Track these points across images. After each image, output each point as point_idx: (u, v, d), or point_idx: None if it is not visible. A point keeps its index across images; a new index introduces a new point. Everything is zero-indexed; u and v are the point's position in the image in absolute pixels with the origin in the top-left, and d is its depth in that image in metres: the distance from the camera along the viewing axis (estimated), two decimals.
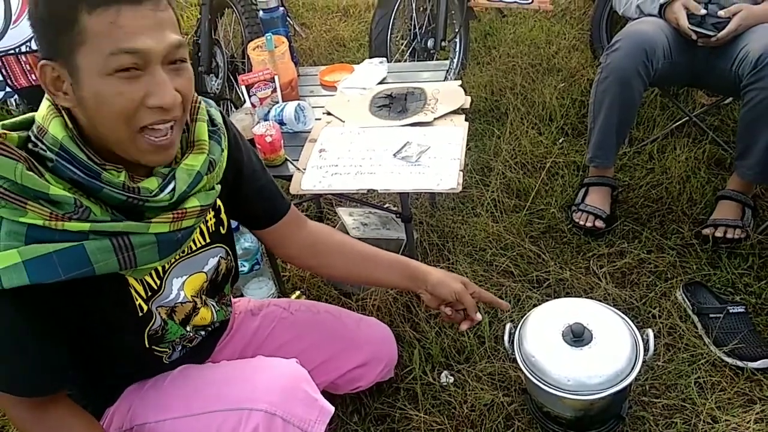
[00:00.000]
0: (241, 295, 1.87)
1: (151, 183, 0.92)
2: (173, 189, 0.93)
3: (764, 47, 1.71)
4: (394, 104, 1.72)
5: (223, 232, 1.18)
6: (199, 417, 1.05)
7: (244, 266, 1.80)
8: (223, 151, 1.05)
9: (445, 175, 1.47)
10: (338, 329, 1.42)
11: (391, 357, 1.49)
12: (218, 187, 1.03)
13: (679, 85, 2.46)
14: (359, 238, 1.88)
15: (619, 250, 1.92)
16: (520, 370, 1.40)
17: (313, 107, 1.74)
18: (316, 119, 1.71)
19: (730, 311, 1.57)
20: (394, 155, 1.53)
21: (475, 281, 1.85)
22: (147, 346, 1.09)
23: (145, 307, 1.04)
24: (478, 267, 1.91)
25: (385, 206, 1.96)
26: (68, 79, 0.85)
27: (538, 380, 1.37)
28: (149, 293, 1.04)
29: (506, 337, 1.45)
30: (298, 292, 1.87)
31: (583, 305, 1.49)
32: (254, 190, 1.19)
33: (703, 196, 2.05)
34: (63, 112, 0.88)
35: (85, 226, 0.86)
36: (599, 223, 1.97)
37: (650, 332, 1.39)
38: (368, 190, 1.46)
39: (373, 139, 1.60)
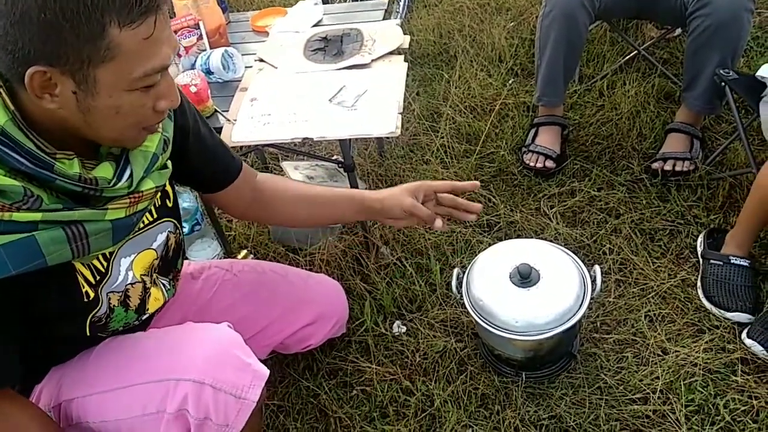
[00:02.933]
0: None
1: (106, 171, 0.86)
2: (131, 175, 0.89)
3: None
4: (329, 47, 1.63)
5: (170, 205, 1.10)
6: (125, 390, 0.99)
7: (184, 227, 1.71)
8: (171, 122, 0.98)
9: (383, 119, 1.40)
10: (285, 288, 1.37)
11: (341, 313, 1.45)
12: (170, 164, 0.99)
13: (626, 18, 2.41)
14: None
15: (570, 190, 1.90)
16: (470, 314, 1.38)
17: (244, 54, 1.64)
18: (247, 67, 1.61)
19: (732, 262, 1.54)
20: (330, 101, 1.46)
21: (427, 228, 1.81)
22: (88, 334, 1.01)
23: (92, 294, 0.96)
24: None
25: (333, 158, 1.88)
26: (71, 87, 0.77)
27: (486, 324, 1.35)
28: (97, 278, 0.96)
29: (454, 282, 1.42)
30: (244, 251, 1.80)
31: (531, 246, 1.46)
32: (202, 155, 1.12)
33: (653, 130, 2.03)
34: (1, 87, 0.78)
35: (36, 216, 0.79)
36: (549, 164, 1.94)
37: (597, 268, 1.37)
38: (303, 139, 1.38)
39: (308, 85, 1.52)
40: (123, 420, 0.99)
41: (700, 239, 1.68)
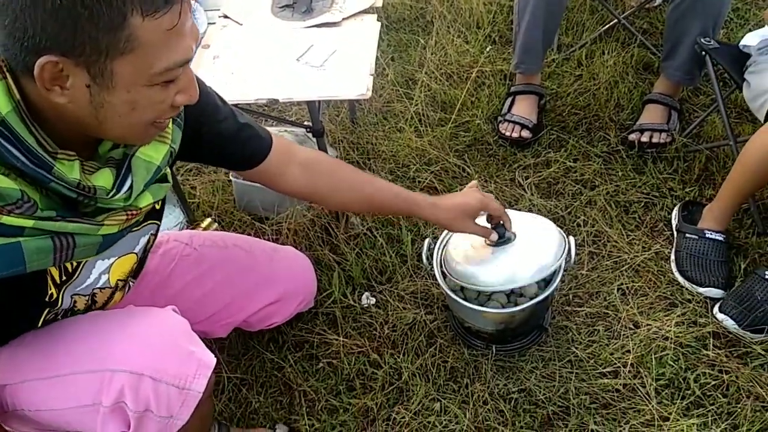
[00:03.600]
0: None
1: (106, 179, 0.80)
2: (130, 187, 0.83)
3: None
4: (298, 4, 1.54)
5: (158, 208, 1.01)
6: (58, 380, 0.92)
7: None
8: (180, 131, 0.91)
9: (354, 81, 1.33)
10: (249, 264, 1.29)
11: (308, 290, 1.38)
12: (170, 177, 0.95)
13: None
14: None
15: (545, 160, 1.85)
16: (440, 286, 1.33)
17: (207, 10, 1.55)
18: (209, 23, 1.52)
19: (707, 236, 1.52)
20: (298, 60, 1.38)
21: None
22: (39, 326, 0.93)
23: (55, 294, 0.89)
24: (401, 184, 1.80)
25: (304, 123, 1.81)
26: (86, 80, 0.69)
27: (456, 295, 1.31)
28: (63, 278, 0.89)
29: (424, 253, 1.37)
30: (208, 220, 1.72)
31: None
32: (219, 139, 1.03)
33: (630, 101, 1.99)
34: (7, 72, 0.70)
35: (28, 222, 0.73)
36: (525, 133, 1.89)
37: (572, 240, 1.33)
38: (268, 101, 1.31)
39: (274, 43, 1.44)
40: (58, 411, 0.93)
41: (675, 212, 1.65)
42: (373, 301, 1.56)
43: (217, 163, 1.14)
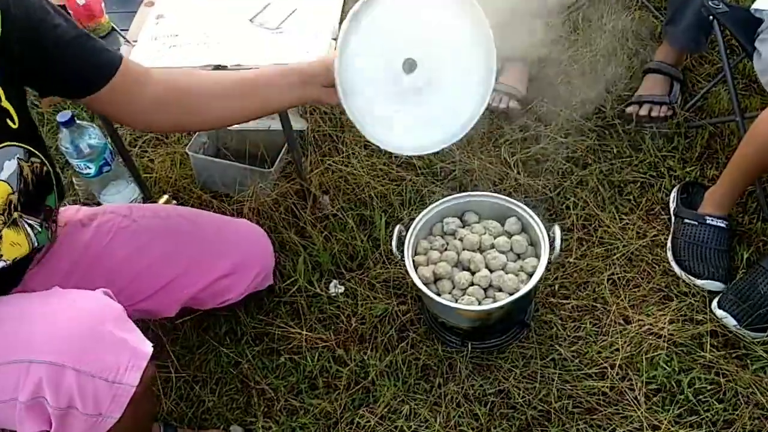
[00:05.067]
0: (98, 204, 1.57)
1: None
2: None
3: None
4: None
5: (13, 126, 0.87)
6: None
7: (90, 168, 1.48)
8: None
9: (315, 45, 1.17)
10: (194, 235, 1.18)
11: (265, 262, 1.26)
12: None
13: None
14: (240, 132, 1.60)
15: (535, 135, 1.70)
16: (411, 278, 1.20)
17: None
18: None
19: (708, 222, 1.38)
20: (251, 21, 1.21)
21: (373, 175, 1.61)
22: None
23: None
24: (377, 160, 1.66)
25: None
26: None
27: (429, 290, 1.18)
28: None
29: (395, 242, 1.23)
30: (165, 197, 1.58)
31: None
32: (61, 51, 0.87)
33: (629, 69, 1.83)
34: None
35: None
36: (513, 104, 1.73)
37: (557, 229, 1.19)
38: (215, 67, 1.15)
39: (225, 1, 1.27)
40: None
41: (673, 194, 1.51)
42: (341, 289, 1.43)
43: (60, 82, 0.92)
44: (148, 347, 0.86)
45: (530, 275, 1.20)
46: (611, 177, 1.59)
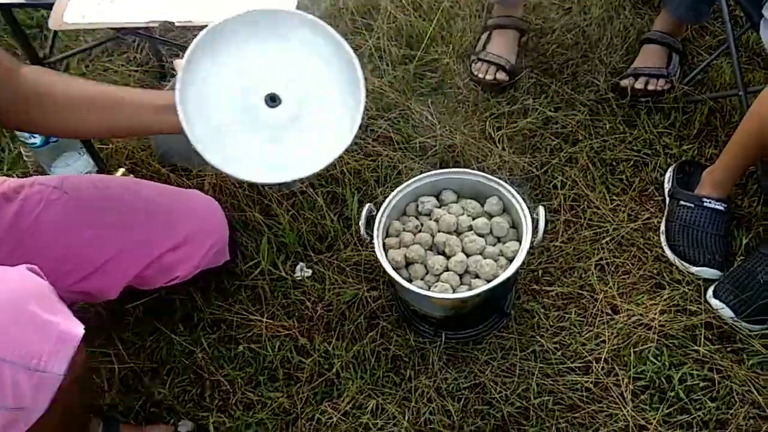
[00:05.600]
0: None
1: None
2: None
3: None
4: None
5: None
6: None
7: (35, 137, 1.36)
8: None
9: None
10: (136, 206, 1.07)
11: (218, 233, 1.14)
12: None
13: None
14: None
15: (522, 108, 1.58)
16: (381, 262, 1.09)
17: None
18: None
19: (705, 204, 1.27)
20: None
21: (347, 150, 1.49)
22: None
23: None
24: None
25: None
26: None
27: (400, 275, 1.07)
28: None
29: (362, 222, 1.12)
30: (122, 170, 1.46)
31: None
32: None
33: (625, 40, 1.70)
34: None
35: None
36: (501, 76, 1.61)
37: (541, 211, 1.08)
38: (162, 24, 1.02)
39: None
40: None
41: (668, 173, 1.40)
42: (308, 273, 1.32)
43: None
44: (78, 329, 0.75)
45: (511, 260, 1.09)
46: (603, 155, 1.47)
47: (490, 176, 1.17)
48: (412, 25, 1.78)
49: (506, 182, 1.16)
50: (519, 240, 1.12)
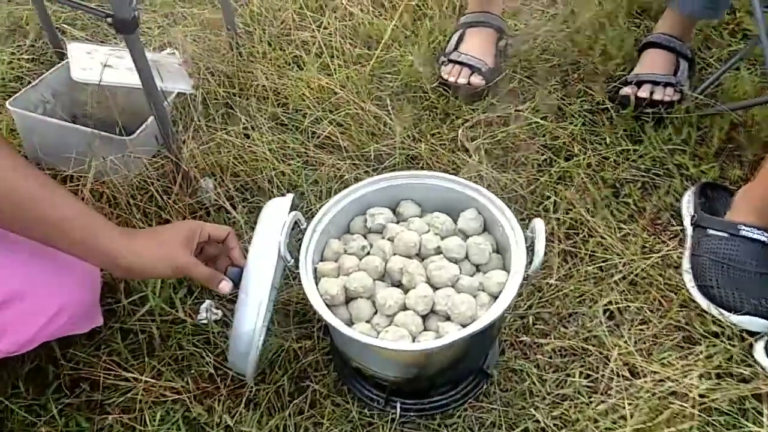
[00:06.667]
0: None
1: None
2: None
3: None
4: None
5: None
6: None
7: None
8: None
9: None
10: None
11: (76, 296, 0.80)
12: None
13: None
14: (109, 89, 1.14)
15: (503, 117, 1.28)
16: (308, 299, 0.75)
17: None
18: None
19: (744, 234, 0.97)
20: None
21: (282, 155, 1.17)
22: None
23: None
24: (288, 136, 1.22)
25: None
26: None
27: (333, 315, 0.72)
28: None
29: (282, 240, 0.77)
30: None
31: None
32: None
33: (621, 49, 1.44)
34: None
35: None
36: (476, 79, 1.32)
37: (539, 225, 0.76)
38: None
39: None
40: None
41: (687, 197, 1.11)
42: (217, 315, 0.96)
43: None
44: None
45: (495, 297, 0.76)
46: (603, 173, 1.18)
47: (466, 181, 0.85)
48: (371, 23, 1.50)
49: (486, 191, 0.84)
50: (507, 269, 0.79)
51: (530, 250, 0.76)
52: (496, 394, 0.87)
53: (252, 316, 0.74)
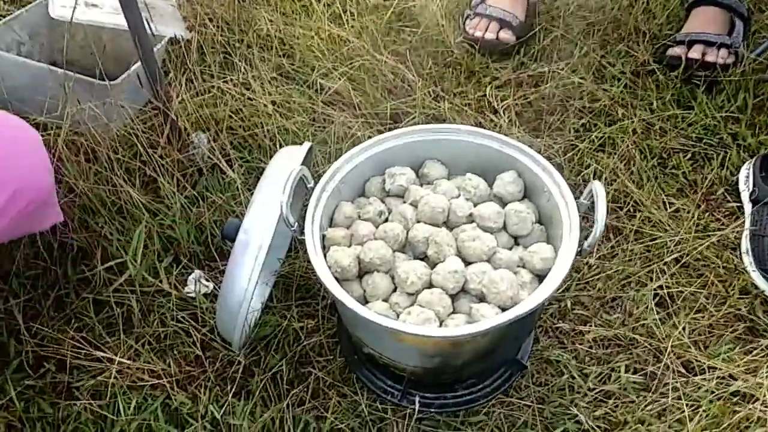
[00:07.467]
0: None
1: None
2: None
3: None
4: None
5: None
6: None
7: None
8: None
9: None
10: None
11: (30, 178, 0.67)
12: None
13: None
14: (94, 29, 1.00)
15: (535, 78, 1.14)
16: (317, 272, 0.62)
17: None
18: None
19: None
20: None
21: (285, 109, 1.03)
22: None
23: None
24: (292, 89, 1.08)
25: None
26: None
27: (345, 291, 0.59)
28: None
29: (285, 200, 0.64)
30: None
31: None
32: None
33: (666, 8, 1.29)
34: None
35: None
36: (506, 35, 1.18)
37: (598, 187, 0.63)
38: None
39: None
40: None
41: (745, 171, 0.98)
42: (207, 288, 0.84)
43: None
44: None
45: (537, 276, 0.63)
46: (649, 141, 1.04)
47: (505, 138, 0.71)
48: None
49: (530, 149, 0.71)
50: (551, 243, 0.66)
51: (586, 219, 0.62)
52: (529, 389, 0.75)
53: (247, 270, 0.62)
